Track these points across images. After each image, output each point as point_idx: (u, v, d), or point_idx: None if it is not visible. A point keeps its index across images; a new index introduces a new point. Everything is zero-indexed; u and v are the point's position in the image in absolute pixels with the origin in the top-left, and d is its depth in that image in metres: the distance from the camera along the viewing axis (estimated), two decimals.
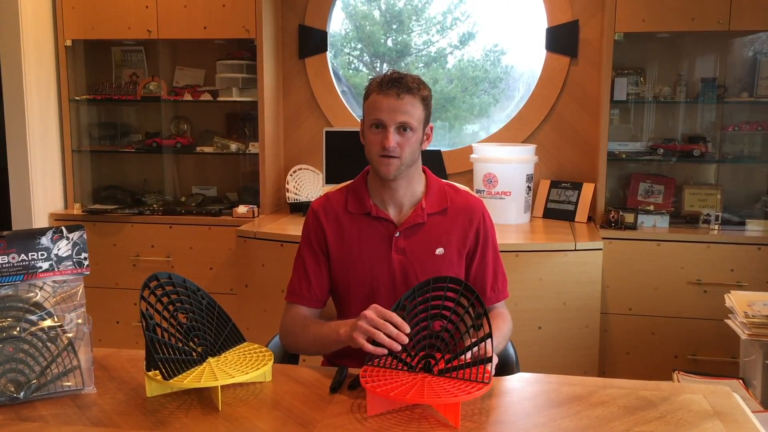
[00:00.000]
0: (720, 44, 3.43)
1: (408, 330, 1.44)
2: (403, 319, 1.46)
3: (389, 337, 1.44)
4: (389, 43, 4.14)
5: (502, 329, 1.77)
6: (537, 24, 3.65)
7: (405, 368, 1.45)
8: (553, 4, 3.57)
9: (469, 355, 1.44)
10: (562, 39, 3.59)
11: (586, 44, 3.57)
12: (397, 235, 1.78)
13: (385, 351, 1.45)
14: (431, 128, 1.81)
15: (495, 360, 1.47)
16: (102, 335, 3.59)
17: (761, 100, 3.34)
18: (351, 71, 4.20)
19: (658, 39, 3.46)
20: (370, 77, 2.27)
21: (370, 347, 1.45)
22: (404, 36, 4.11)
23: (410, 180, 1.79)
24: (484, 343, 1.43)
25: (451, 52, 4.08)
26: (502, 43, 3.99)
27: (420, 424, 1.30)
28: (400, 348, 1.44)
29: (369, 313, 1.49)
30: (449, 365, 1.42)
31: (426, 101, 1.74)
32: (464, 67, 4.06)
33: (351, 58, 4.23)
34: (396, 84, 1.70)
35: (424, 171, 1.85)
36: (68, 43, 3.70)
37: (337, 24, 4.12)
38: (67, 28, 3.68)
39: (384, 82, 1.71)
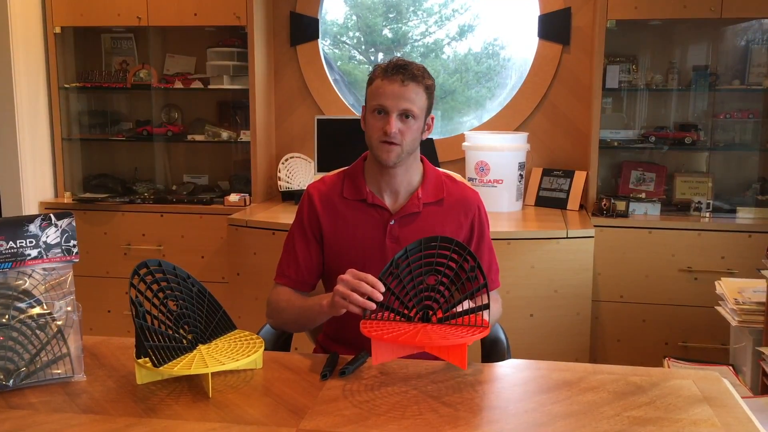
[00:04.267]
0: (712, 32, 3.43)
1: (382, 288, 1.48)
2: (396, 276, 1.49)
3: (364, 295, 1.48)
4: (386, 32, 4.11)
5: (493, 308, 1.77)
6: (529, 11, 3.63)
7: (403, 320, 1.49)
8: None
9: (466, 304, 1.48)
10: (554, 27, 3.58)
11: (578, 32, 3.56)
12: (392, 223, 1.78)
13: (373, 305, 1.48)
14: (432, 118, 1.80)
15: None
16: (93, 324, 3.57)
17: (753, 87, 3.35)
18: (353, 62, 4.16)
19: (650, 27, 3.46)
20: (368, 66, 2.25)
21: (354, 308, 1.49)
22: (401, 25, 4.09)
23: (408, 168, 1.79)
24: (479, 293, 1.47)
25: (448, 43, 4.06)
26: (502, 37, 3.96)
27: (407, 410, 1.30)
28: (375, 307, 1.48)
29: (345, 276, 1.53)
30: (447, 314, 1.48)
31: (429, 90, 1.74)
32: (468, 61, 4.04)
33: (348, 47, 4.20)
34: (401, 71, 1.69)
35: (421, 160, 1.85)
36: (57, 30, 3.66)
37: (339, 13, 4.10)
38: (56, 15, 3.64)
39: (389, 68, 1.71)
